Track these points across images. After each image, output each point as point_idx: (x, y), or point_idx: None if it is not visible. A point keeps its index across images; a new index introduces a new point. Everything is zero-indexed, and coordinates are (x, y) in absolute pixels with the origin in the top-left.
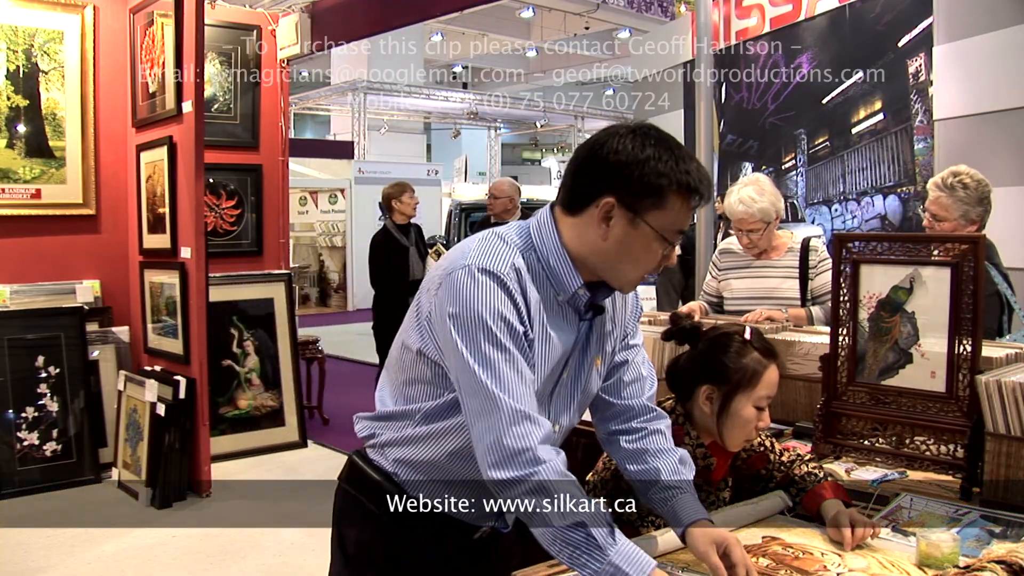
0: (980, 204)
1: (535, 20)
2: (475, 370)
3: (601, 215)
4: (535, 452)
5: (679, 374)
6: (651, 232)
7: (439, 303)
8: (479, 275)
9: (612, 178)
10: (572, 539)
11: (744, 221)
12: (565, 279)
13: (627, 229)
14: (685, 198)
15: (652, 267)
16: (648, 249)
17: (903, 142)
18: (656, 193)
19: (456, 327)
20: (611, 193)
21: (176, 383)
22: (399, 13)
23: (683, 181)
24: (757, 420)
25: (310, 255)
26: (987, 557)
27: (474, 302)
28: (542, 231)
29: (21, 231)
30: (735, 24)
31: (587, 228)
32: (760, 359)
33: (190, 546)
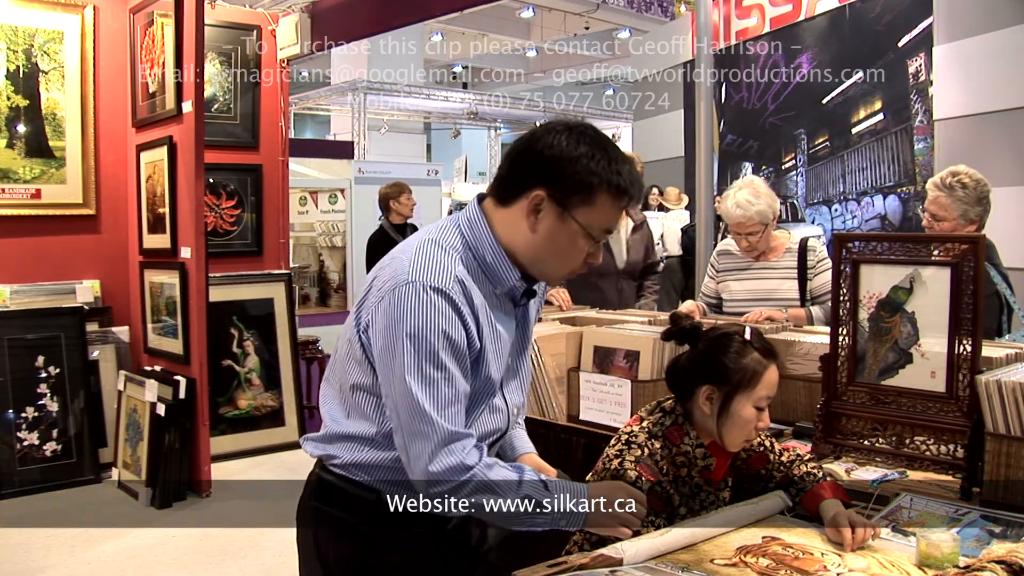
0: (979, 204)
1: (535, 20)
2: (413, 391)
3: (531, 207)
4: (464, 462)
5: (679, 374)
6: (578, 228)
7: (381, 318)
8: (424, 293)
9: (544, 172)
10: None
11: (742, 225)
12: (503, 274)
13: (555, 223)
14: (615, 198)
15: (577, 264)
16: (574, 245)
17: (903, 142)
18: (586, 190)
19: (397, 346)
20: (542, 187)
21: (176, 383)
22: (399, 13)
23: (614, 181)
24: (757, 420)
25: (310, 255)
26: (987, 557)
27: (418, 322)
28: (474, 228)
29: (21, 231)
30: (735, 24)
31: (516, 220)
32: (760, 359)
33: (190, 546)
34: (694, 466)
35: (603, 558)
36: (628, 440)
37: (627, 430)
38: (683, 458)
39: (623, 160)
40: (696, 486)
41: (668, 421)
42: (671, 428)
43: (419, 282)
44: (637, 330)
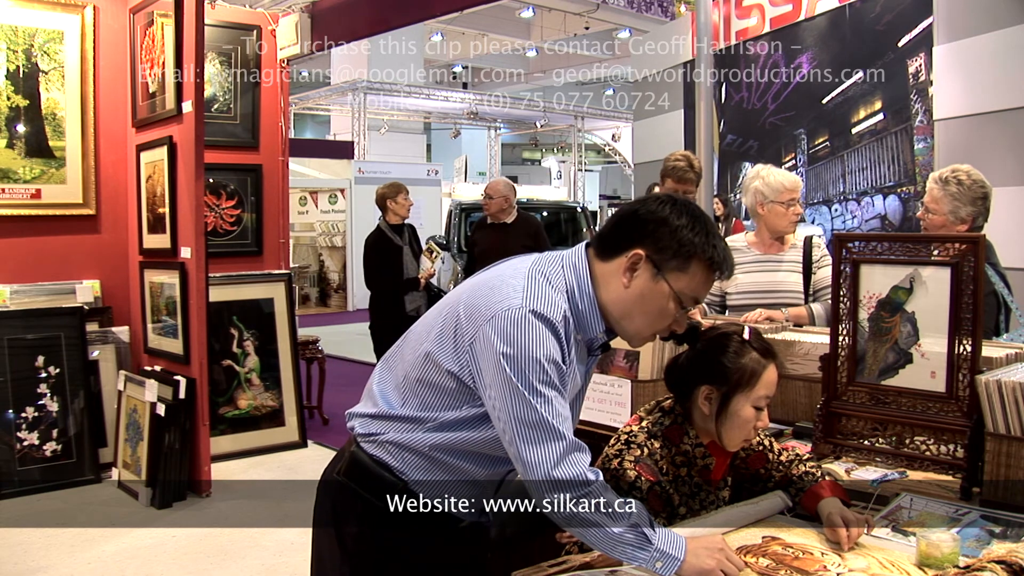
0: (972, 204)
1: (535, 20)
2: (532, 403)
3: (628, 264)
4: (586, 475)
5: (678, 374)
6: (670, 292)
7: (489, 338)
8: (534, 320)
9: (646, 234)
10: (627, 539)
11: (795, 189)
12: (590, 323)
13: (648, 283)
14: (708, 270)
15: (662, 327)
16: (662, 308)
17: (903, 142)
18: (682, 256)
19: (511, 366)
20: (642, 247)
21: (176, 383)
22: (399, 13)
23: (708, 253)
24: (756, 420)
25: (310, 255)
26: (987, 557)
27: (530, 345)
28: (578, 275)
29: (21, 231)
30: (735, 24)
31: (613, 275)
32: (759, 359)
33: (190, 546)
34: (693, 466)
35: (603, 558)
36: (627, 440)
37: (626, 430)
38: (682, 458)
39: (719, 237)
40: (696, 486)
41: (667, 421)
42: (670, 428)
43: (528, 308)
44: None
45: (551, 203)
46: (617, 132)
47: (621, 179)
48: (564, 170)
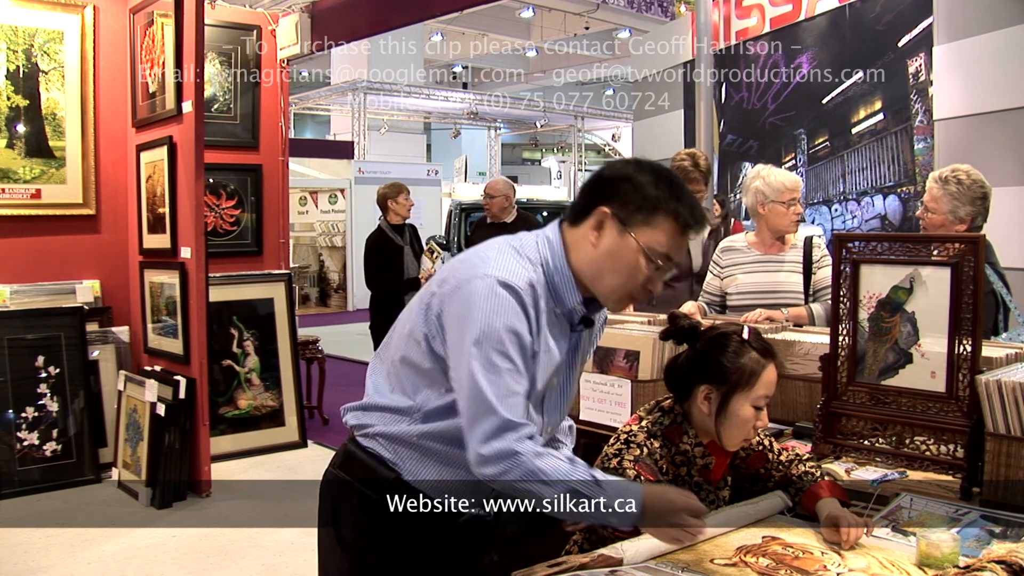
0: (971, 204)
1: (535, 20)
2: (478, 378)
3: (595, 223)
4: (513, 448)
5: (677, 374)
6: (637, 247)
7: (455, 307)
8: (499, 288)
9: (609, 191)
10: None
11: (796, 189)
12: (566, 295)
13: (616, 240)
14: (675, 224)
15: (635, 286)
16: (632, 264)
17: (903, 142)
18: (647, 210)
19: (469, 335)
20: (607, 204)
21: (176, 383)
22: (399, 13)
23: (673, 207)
24: (755, 420)
25: (310, 255)
26: (987, 557)
27: (491, 315)
28: (552, 247)
29: (21, 231)
30: (735, 24)
31: (583, 238)
32: (758, 359)
33: (190, 546)
34: (693, 465)
35: (603, 558)
36: (627, 439)
37: (626, 429)
38: (682, 457)
39: (687, 193)
40: (695, 485)
41: (667, 420)
42: (670, 427)
43: (494, 277)
44: (637, 330)
45: (551, 203)
46: (617, 132)
47: None
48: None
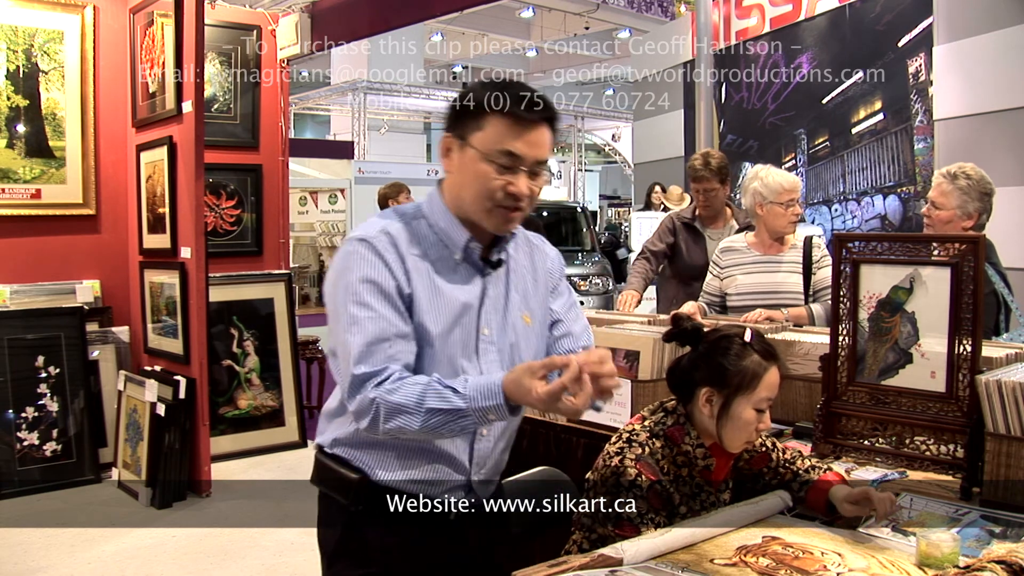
0: (980, 200)
1: (535, 20)
2: (342, 336)
3: (443, 152)
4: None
5: (679, 376)
6: (475, 153)
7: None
8: (351, 245)
9: (448, 120)
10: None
11: (795, 190)
12: (454, 235)
13: (460, 156)
14: (505, 118)
15: (494, 192)
16: (479, 172)
17: (903, 142)
18: (476, 116)
19: (331, 296)
20: (448, 131)
21: (176, 383)
22: (399, 13)
23: (498, 104)
24: (757, 422)
25: (310, 255)
26: (987, 557)
27: (345, 270)
28: (431, 200)
29: (21, 231)
30: (735, 24)
31: (446, 175)
32: (760, 361)
33: (190, 546)
34: (694, 466)
35: (603, 558)
36: (629, 438)
37: (628, 428)
38: (683, 458)
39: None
40: (696, 486)
41: (670, 421)
42: (672, 428)
43: (350, 238)
44: (637, 330)
45: (551, 203)
46: (617, 132)
47: (621, 179)
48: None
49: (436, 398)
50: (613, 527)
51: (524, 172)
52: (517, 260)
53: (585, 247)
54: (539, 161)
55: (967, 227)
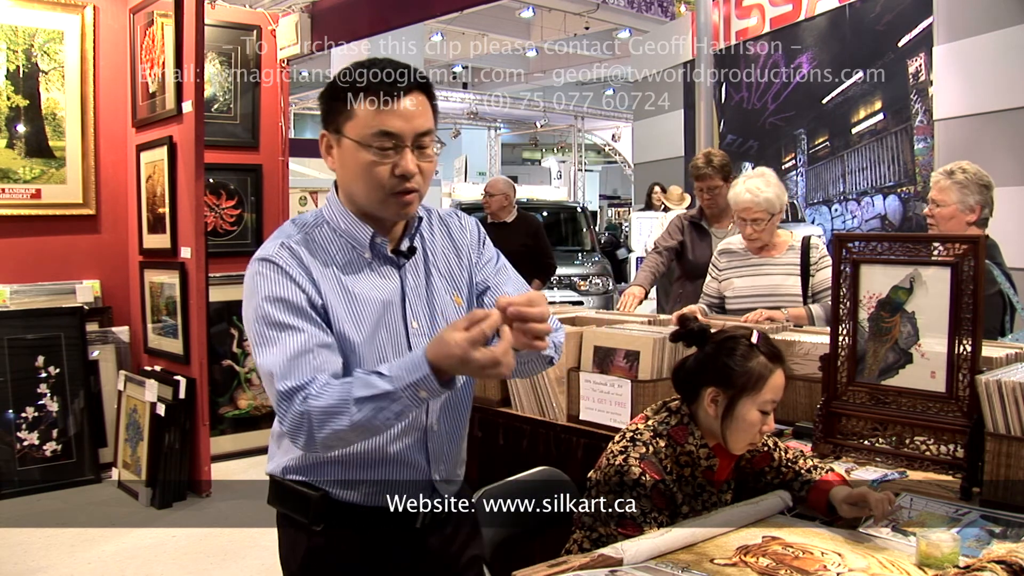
0: (979, 192)
1: (535, 20)
2: (260, 360)
3: (324, 151)
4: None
5: (685, 375)
6: (351, 144)
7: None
8: (255, 267)
9: (322, 118)
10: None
11: (749, 210)
12: (357, 233)
13: (339, 151)
14: (367, 97)
15: (383, 179)
16: (360, 161)
17: (903, 142)
18: (342, 105)
19: (247, 322)
20: (323, 128)
21: (176, 383)
22: (399, 13)
23: (355, 84)
24: (761, 424)
25: None
26: (987, 557)
27: (252, 294)
28: (330, 203)
29: (21, 231)
30: (735, 24)
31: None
32: (766, 363)
33: (190, 546)
34: (697, 466)
35: (603, 558)
36: (633, 437)
37: (632, 428)
38: (687, 458)
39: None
40: (699, 486)
41: (673, 421)
42: (676, 428)
43: (252, 260)
44: (637, 330)
45: (551, 203)
46: (617, 132)
47: (621, 179)
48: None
49: (362, 387)
50: (616, 526)
51: (407, 148)
52: (434, 242)
53: (585, 247)
54: (420, 133)
55: (970, 221)
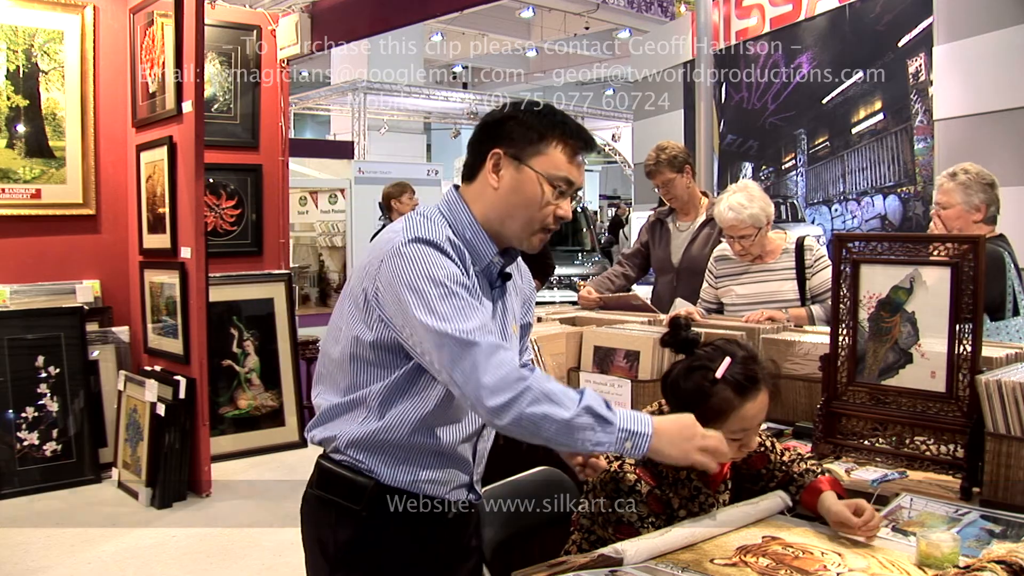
0: (983, 191)
1: (535, 20)
2: (434, 326)
3: (491, 167)
4: (518, 371)
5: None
6: (535, 175)
7: (387, 281)
8: (418, 245)
9: (496, 134)
10: (583, 423)
11: (735, 228)
12: (481, 249)
13: (515, 175)
14: (566, 144)
15: (546, 216)
16: (535, 193)
17: (903, 142)
18: (537, 141)
19: (411, 295)
20: (497, 146)
21: (176, 383)
22: (399, 13)
23: (560, 130)
24: (738, 447)
25: (310, 255)
26: (987, 557)
27: (421, 269)
28: (453, 209)
29: (21, 231)
30: (735, 24)
31: (483, 187)
32: (731, 397)
33: (190, 546)
34: (692, 469)
35: (603, 558)
36: None
37: None
38: None
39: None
40: (695, 488)
41: None
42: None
43: (410, 239)
44: (637, 330)
45: None
46: (617, 132)
47: (621, 179)
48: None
49: (593, 399)
50: (612, 530)
51: (570, 198)
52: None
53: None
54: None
55: (977, 220)
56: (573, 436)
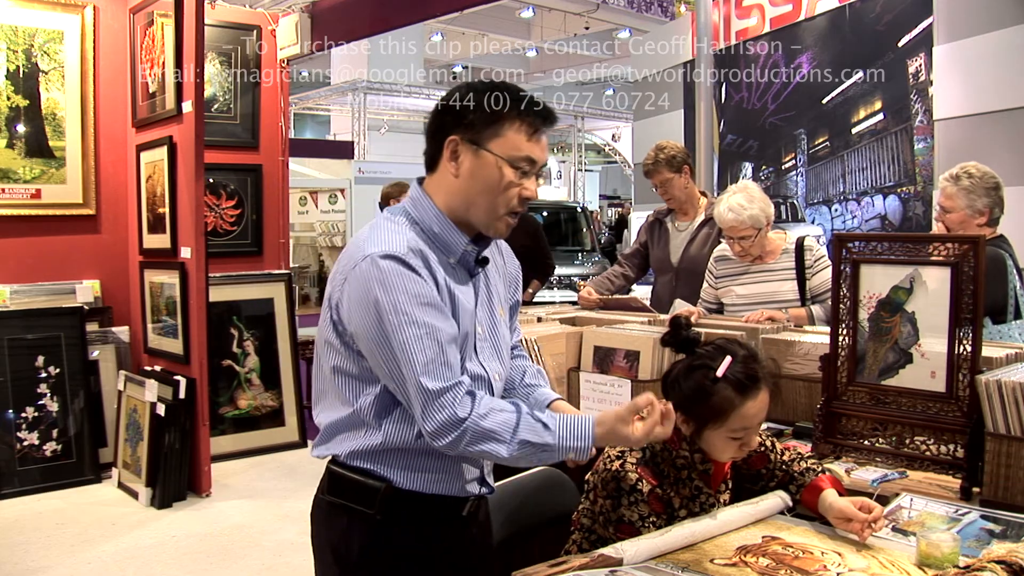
0: (986, 195)
1: (535, 20)
2: (396, 355)
3: (449, 155)
4: (456, 414)
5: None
6: (494, 159)
7: (349, 298)
8: (382, 263)
9: (451, 120)
10: (522, 454)
11: (735, 229)
12: (451, 240)
13: (473, 160)
14: (523, 122)
15: (510, 198)
16: (496, 177)
17: (903, 142)
18: (492, 121)
19: (372, 318)
20: (453, 132)
21: (176, 383)
22: (399, 13)
23: (515, 107)
24: (737, 446)
25: (310, 255)
26: (987, 557)
27: (383, 289)
28: (418, 206)
29: (21, 231)
30: (735, 24)
31: (444, 177)
32: (732, 396)
33: (190, 546)
34: (694, 469)
35: (603, 558)
36: None
37: None
38: (683, 460)
39: (527, 94)
40: (696, 488)
41: None
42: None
43: (374, 254)
44: (637, 330)
45: (551, 203)
46: (617, 132)
47: (621, 179)
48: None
49: (529, 431)
50: (613, 530)
51: (535, 176)
52: (492, 258)
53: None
54: (543, 165)
55: (981, 224)
56: (518, 462)
